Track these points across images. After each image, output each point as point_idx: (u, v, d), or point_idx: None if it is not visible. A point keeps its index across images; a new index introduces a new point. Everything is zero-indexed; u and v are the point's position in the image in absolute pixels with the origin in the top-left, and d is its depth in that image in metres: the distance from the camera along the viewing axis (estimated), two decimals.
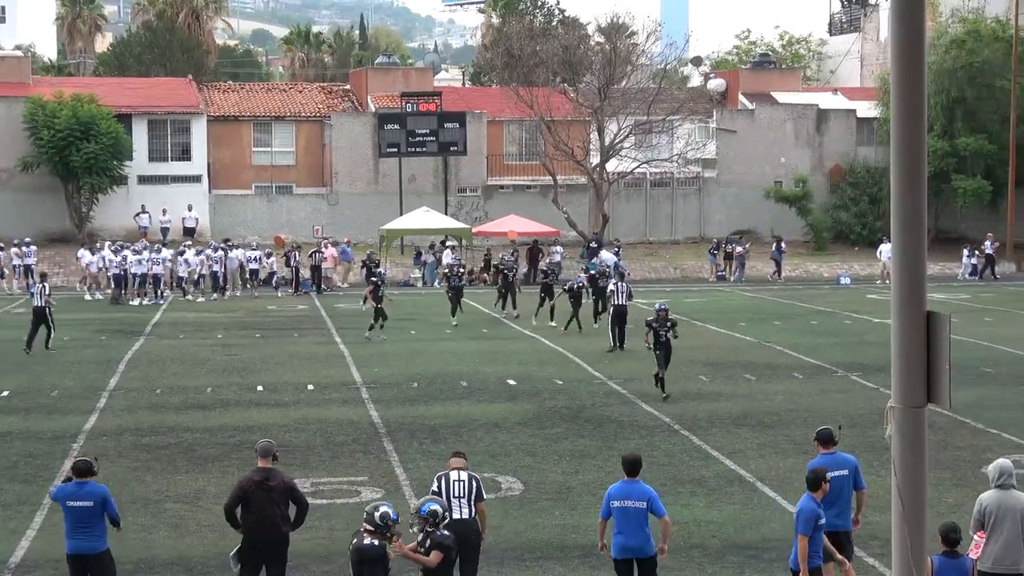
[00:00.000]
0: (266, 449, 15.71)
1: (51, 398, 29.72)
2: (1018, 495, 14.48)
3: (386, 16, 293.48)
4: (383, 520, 13.64)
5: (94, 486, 15.47)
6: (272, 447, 15.79)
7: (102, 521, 15.40)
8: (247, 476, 15.86)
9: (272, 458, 15.58)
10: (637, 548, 15.32)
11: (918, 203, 6.42)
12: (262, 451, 15.73)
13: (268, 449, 15.69)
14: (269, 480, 15.36)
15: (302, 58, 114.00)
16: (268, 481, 15.35)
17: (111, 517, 15.42)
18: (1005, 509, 14.28)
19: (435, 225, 60.74)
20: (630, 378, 32.03)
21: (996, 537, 14.24)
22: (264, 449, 15.73)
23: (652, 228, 70.44)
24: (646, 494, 15.34)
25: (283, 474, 15.75)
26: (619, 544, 15.37)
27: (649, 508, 15.28)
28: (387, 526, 13.64)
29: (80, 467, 15.68)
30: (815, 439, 16.44)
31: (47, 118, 61.42)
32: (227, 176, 67.90)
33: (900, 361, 6.52)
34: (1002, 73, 66.87)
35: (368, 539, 13.59)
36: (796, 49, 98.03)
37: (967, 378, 30.72)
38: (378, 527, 13.65)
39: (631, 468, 15.53)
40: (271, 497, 15.29)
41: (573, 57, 67.14)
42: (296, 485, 15.81)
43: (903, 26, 6.38)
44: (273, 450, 15.71)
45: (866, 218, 69.21)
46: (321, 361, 35.34)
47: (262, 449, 15.77)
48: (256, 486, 15.34)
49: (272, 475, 15.43)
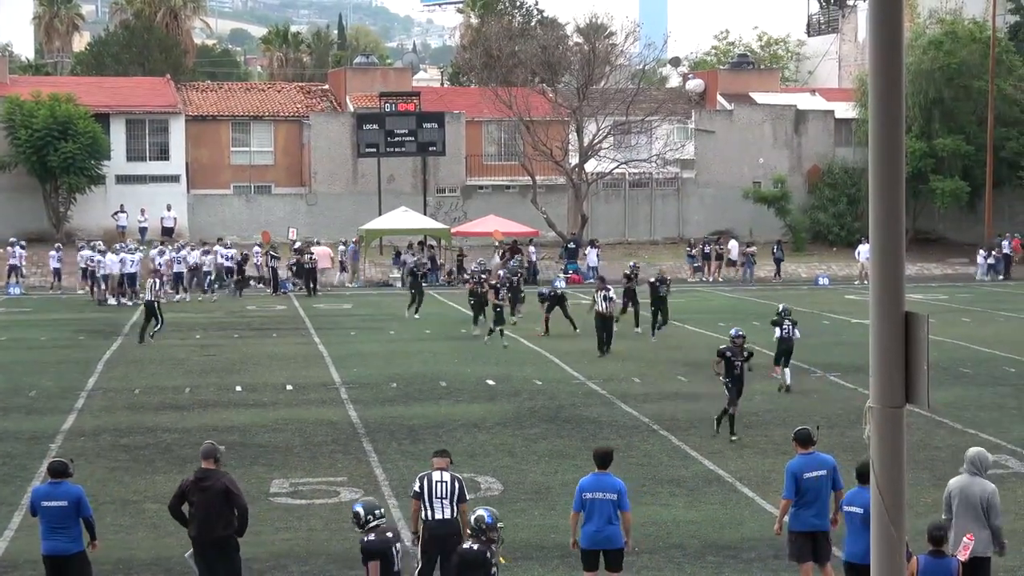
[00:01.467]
0: (207, 451, 15.79)
1: (29, 398, 29.62)
2: (982, 482, 14.81)
3: (365, 16, 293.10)
4: (478, 524, 13.65)
5: (69, 487, 15.46)
6: (214, 449, 15.78)
7: (77, 523, 15.38)
8: (187, 476, 16.02)
9: (214, 460, 15.60)
10: (605, 539, 15.50)
11: (896, 204, 6.43)
12: (203, 452, 15.84)
13: (209, 451, 15.75)
14: (205, 480, 15.43)
15: (280, 58, 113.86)
16: (204, 481, 15.44)
17: (85, 519, 15.41)
18: (966, 494, 14.67)
19: (414, 225, 60.71)
20: (609, 378, 32.08)
21: (957, 522, 14.63)
22: (205, 451, 15.82)
23: (631, 228, 70.52)
24: (616, 487, 15.57)
25: (223, 476, 15.60)
26: (588, 534, 15.56)
27: (618, 502, 15.50)
28: (483, 530, 13.59)
29: (55, 467, 15.70)
30: (794, 439, 16.49)
31: (25, 118, 61.25)
32: (206, 176, 67.78)
33: (878, 362, 6.53)
34: (980, 74, 67.11)
35: (469, 543, 13.60)
36: (774, 50, 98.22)
37: (945, 378, 30.84)
38: (475, 531, 13.65)
39: (602, 461, 15.85)
40: (206, 498, 15.37)
41: (552, 57, 67.17)
42: (233, 488, 15.54)
43: (881, 27, 6.40)
44: (215, 452, 15.69)
45: (844, 219, 69.42)
46: (300, 361, 35.29)
47: (203, 451, 15.87)
48: (192, 486, 15.52)
49: (209, 476, 15.47)
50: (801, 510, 15.90)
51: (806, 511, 15.88)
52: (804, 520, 15.90)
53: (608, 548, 15.53)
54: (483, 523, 13.61)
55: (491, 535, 13.61)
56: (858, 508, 14.62)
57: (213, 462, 15.60)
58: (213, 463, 15.59)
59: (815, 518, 15.87)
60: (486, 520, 13.60)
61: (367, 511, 14.03)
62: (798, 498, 15.89)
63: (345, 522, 19.44)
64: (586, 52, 66.57)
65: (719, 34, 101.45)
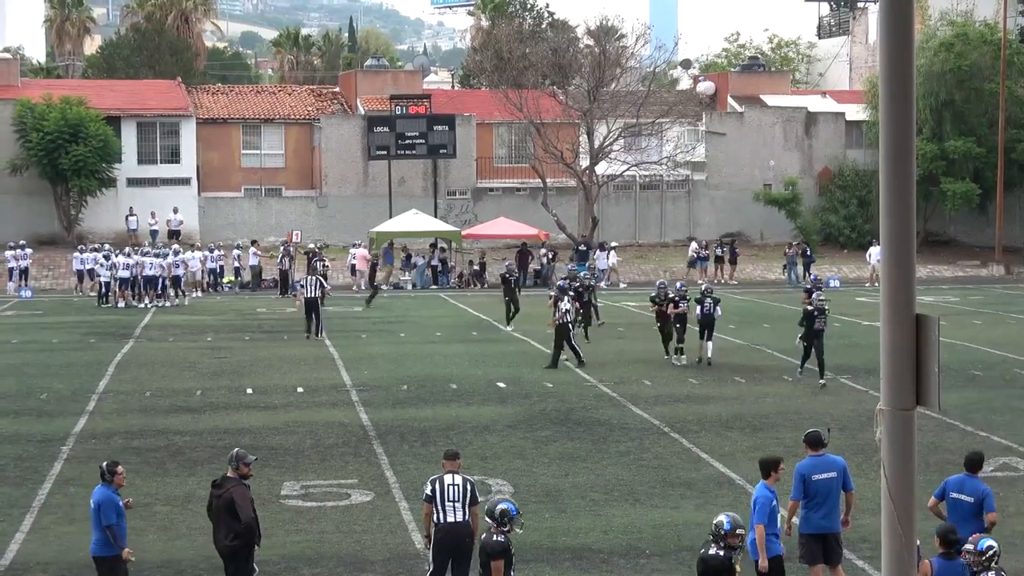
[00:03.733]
0: (228, 458, 15.97)
1: (40, 400, 29.67)
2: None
3: (375, 19, 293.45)
4: (717, 529, 13.66)
5: (97, 491, 15.52)
6: (232, 457, 15.84)
7: (99, 527, 15.39)
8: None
9: (233, 468, 15.65)
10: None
11: (907, 206, 6.44)
12: (227, 458, 16.03)
13: (229, 458, 15.92)
14: (219, 489, 15.58)
15: (291, 60, 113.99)
16: (218, 489, 15.59)
17: (104, 525, 15.33)
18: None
19: (425, 228, 60.68)
20: (620, 381, 32.08)
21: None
22: (230, 457, 15.95)
23: (641, 231, 70.47)
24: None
25: (235, 486, 15.46)
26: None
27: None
28: (723, 535, 13.59)
29: (100, 470, 15.78)
30: (804, 441, 16.51)
31: (36, 120, 61.36)
32: (216, 179, 67.83)
33: (889, 364, 6.53)
34: (991, 76, 66.98)
35: (713, 549, 13.59)
36: (785, 52, 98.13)
37: (956, 381, 30.79)
38: (715, 536, 13.66)
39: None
40: (217, 506, 15.53)
41: (562, 60, 67.10)
42: (239, 499, 15.32)
43: (892, 29, 6.40)
44: (233, 460, 15.73)
45: (855, 221, 69.32)
46: (310, 364, 35.32)
47: (228, 456, 16.05)
48: (212, 492, 15.74)
49: (224, 484, 15.57)
50: (810, 512, 15.92)
51: (815, 513, 15.90)
52: (813, 522, 15.91)
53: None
54: (722, 529, 13.63)
55: (730, 542, 13.61)
56: (967, 497, 15.33)
57: (232, 470, 15.66)
58: (232, 471, 15.65)
59: (824, 520, 15.89)
60: (725, 527, 13.60)
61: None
62: (807, 500, 15.91)
63: (356, 524, 19.50)
64: (597, 54, 66.49)
65: (730, 36, 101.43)
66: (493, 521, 14.19)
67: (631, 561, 17.76)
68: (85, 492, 21.31)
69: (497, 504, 14.33)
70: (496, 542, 14.00)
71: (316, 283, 41.94)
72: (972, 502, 15.44)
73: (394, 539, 18.82)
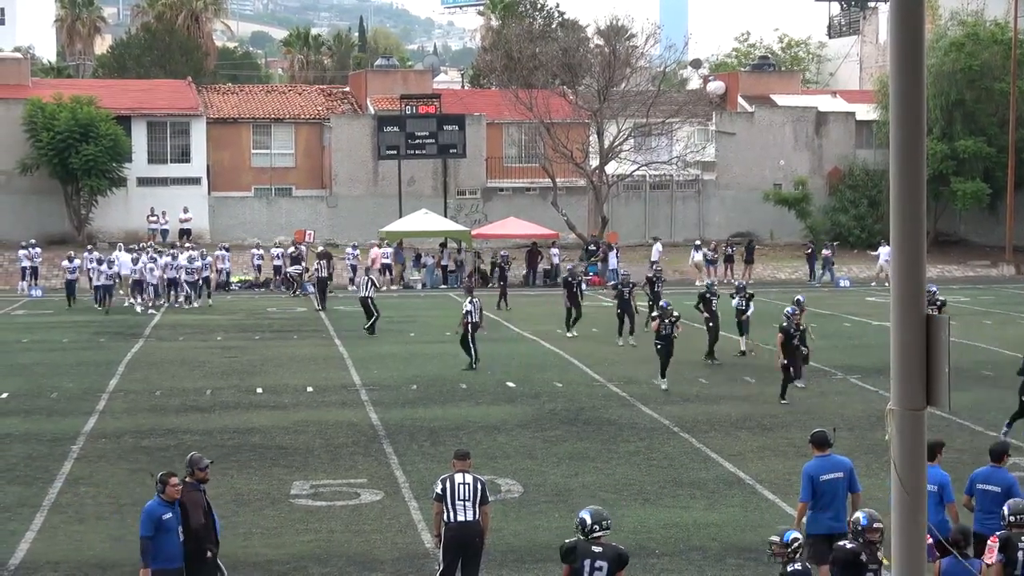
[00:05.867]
0: (186, 462, 15.66)
1: (51, 400, 29.71)
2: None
3: (385, 18, 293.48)
4: (855, 526, 13.65)
5: (150, 501, 15.01)
6: (189, 462, 15.51)
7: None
8: None
9: (190, 473, 15.27)
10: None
11: (917, 206, 6.43)
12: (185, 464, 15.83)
13: (187, 463, 15.55)
14: None
15: (301, 60, 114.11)
16: None
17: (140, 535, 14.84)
18: None
19: (434, 227, 60.70)
20: (629, 381, 32.07)
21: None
22: (185, 462, 15.76)
23: (651, 231, 70.38)
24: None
25: (189, 492, 15.08)
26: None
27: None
28: (860, 531, 13.52)
29: (154, 479, 15.29)
30: (810, 441, 16.50)
31: (46, 120, 61.46)
32: (226, 178, 67.91)
33: (899, 364, 6.53)
34: (1001, 76, 66.89)
35: (848, 543, 13.52)
36: (795, 52, 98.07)
37: (966, 381, 30.73)
38: (854, 533, 13.63)
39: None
40: None
41: (572, 60, 67.14)
42: (189, 507, 15.01)
43: (902, 29, 6.40)
44: (192, 464, 15.36)
45: (865, 221, 69.24)
46: (320, 363, 35.34)
47: (185, 462, 15.86)
48: None
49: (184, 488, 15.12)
50: (818, 513, 15.91)
51: (823, 513, 15.89)
52: (821, 523, 15.90)
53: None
54: (859, 525, 13.52)
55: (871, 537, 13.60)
56: (995, 487, 15.66)
57: (188, 475, 15.27)
58: (188, 476, 15.26)
59: (832, 520, 15.87)
60: (862, 523, 13.47)
61: (594, 520, 13.37)
62: (815, 501, 15.90)
63: (366, 523, 19.51)
64: (607, 54, 66.50)
65: (740, 36, 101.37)
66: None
67: (641, 561, 17.74)
68: (95, 491, 21.40)
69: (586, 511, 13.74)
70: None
71: (368, 283, 42.67)
72: (1000, 492, 15.59)
73: (404, 538, 18.82)
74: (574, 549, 13.20)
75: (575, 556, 13.15)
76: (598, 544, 13.22)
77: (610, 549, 13.27)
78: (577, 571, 13.12)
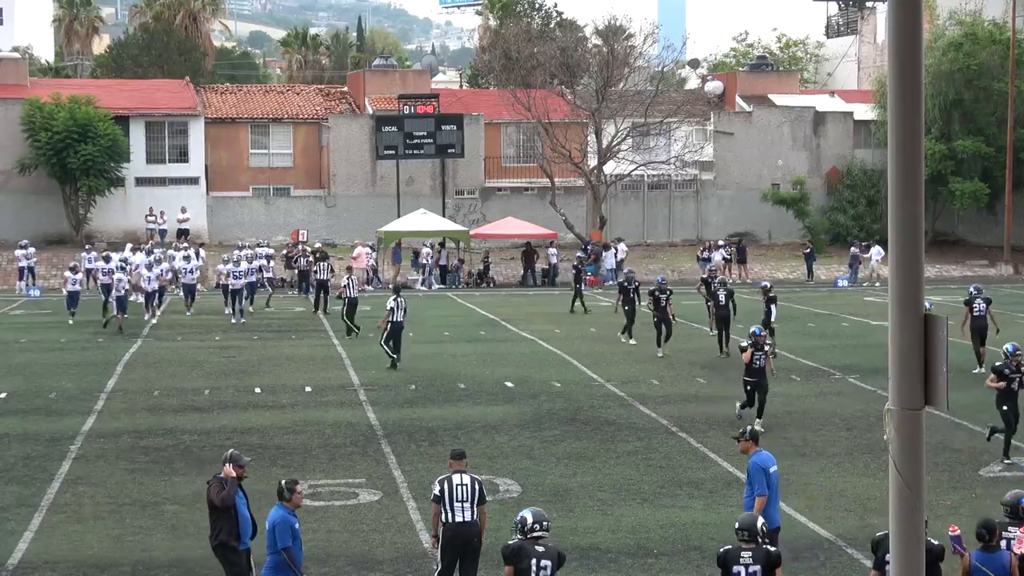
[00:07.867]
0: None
1: (49, 400, 29.71)
2: None
3: (383, 18, 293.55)
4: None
5: (273, 510, 15.23)
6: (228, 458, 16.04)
7: (273, 550, 14.97)
8: None
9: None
10: None
11: (915, 206, 6.43)
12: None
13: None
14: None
15: (299, 60, 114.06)
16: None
17: (280, 548, 14.93)
18: None
19: (433, 227, 60.67)
20: (628, 380, 32.07)
21: None
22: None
23: (649, 230, 70.46)
24: None
25: (212, 484, 15.82)
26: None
27: None
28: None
29: (279, 487, 15.42)
30: (748, 437, 17.01)
31: (45, 120, 61.44)
32: (225, 178, 67.89)
33: (897, 364, 6.53)
34: (999, 76, 66.90)
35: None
36: (793, 52, 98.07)
37: (964, 380, 30.74)
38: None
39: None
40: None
41: (570, 59, 67.13)
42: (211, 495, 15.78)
43: (900, 29, 6.40)
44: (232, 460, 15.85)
45: (863, 220, 69.24)
46: (319, 363, 35.34)
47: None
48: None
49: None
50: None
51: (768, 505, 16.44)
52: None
53: None
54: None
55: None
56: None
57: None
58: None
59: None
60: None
61: (535, 519, 13.66)
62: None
63: (364, 523, 19.51)
64: (605, 54, 66.50)
65: (738, 36, 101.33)
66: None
67: (639, 561, 17.76)
68: (93, 491, 21.39)
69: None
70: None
71: (354, 283, 42.82)
72: None
73: (402, 538, 18.83)
74: (520, 550, 13.52)
75: (521, 556, 13.44)
76: (540, 544, 13.58)
77: (551, 549, 13.69)
78: (524, 571, 13.39)
